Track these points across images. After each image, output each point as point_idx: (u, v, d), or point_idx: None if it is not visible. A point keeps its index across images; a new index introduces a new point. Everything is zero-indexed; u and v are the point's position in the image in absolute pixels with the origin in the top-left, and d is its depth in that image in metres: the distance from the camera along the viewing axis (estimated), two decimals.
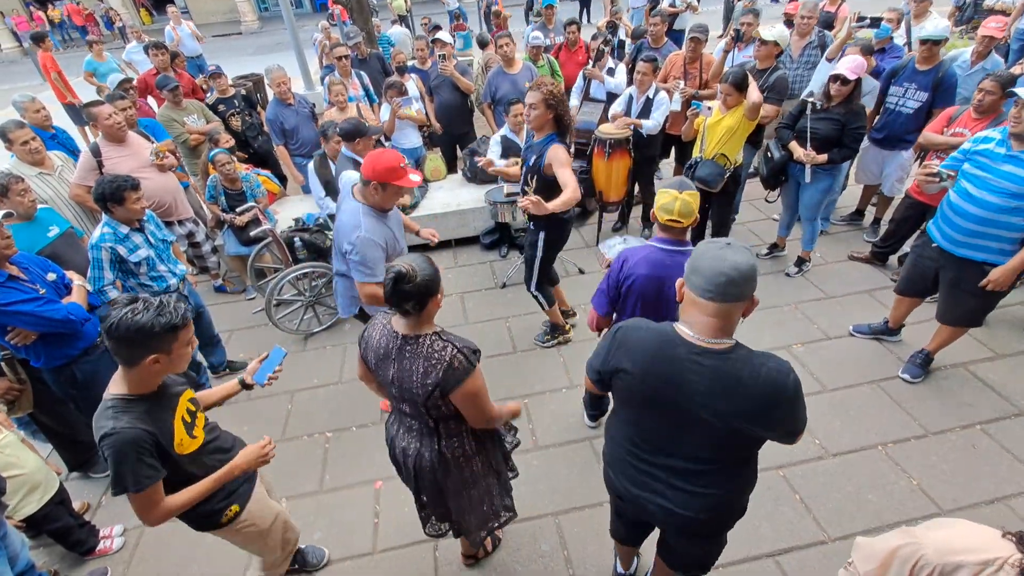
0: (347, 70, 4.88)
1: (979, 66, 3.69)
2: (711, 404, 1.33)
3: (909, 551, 1.15)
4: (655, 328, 1.44)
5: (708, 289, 1.28)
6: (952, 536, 1.14)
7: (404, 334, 1.62)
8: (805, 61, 4.48)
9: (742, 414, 1.32)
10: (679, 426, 1.41)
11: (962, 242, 2.58)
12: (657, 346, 1.38)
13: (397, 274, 1.51)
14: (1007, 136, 2.39)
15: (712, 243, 1.34)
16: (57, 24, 18.67)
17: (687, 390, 1.34)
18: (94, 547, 2.50)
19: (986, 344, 3.27)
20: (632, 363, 1.42)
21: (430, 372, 1.56)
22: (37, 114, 3.75)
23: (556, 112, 2.68)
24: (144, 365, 1.47)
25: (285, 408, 3.27)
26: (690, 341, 1.34)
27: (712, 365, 1.32)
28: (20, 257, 2.36)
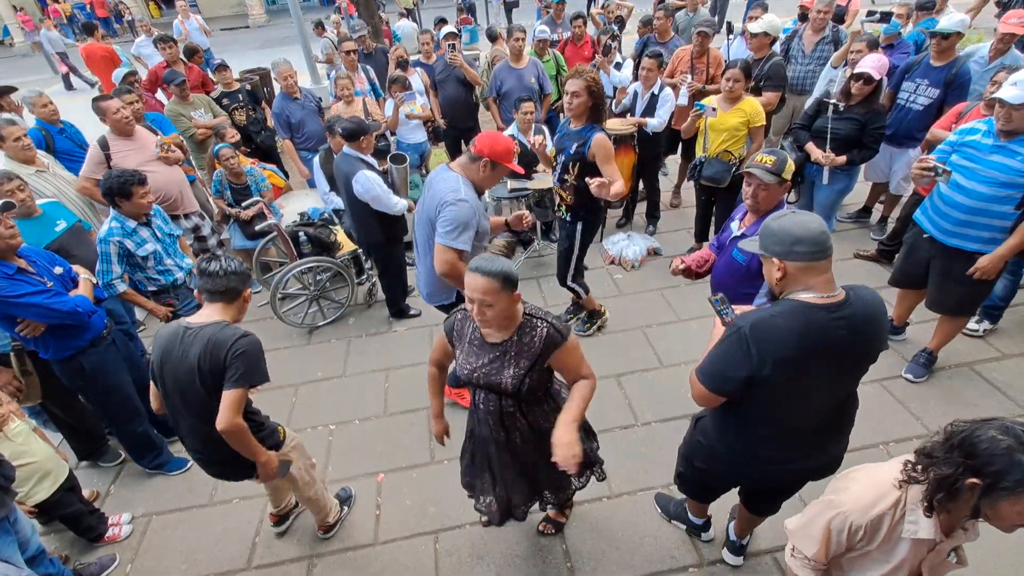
0: (354, 64, 4.89)
1: (997, 62, 3.55)
2: (860, 348, 1.46)
3: (839, 521, 1.28)
4: (782, 311, 1.45)
5: (817, 251, 1.40)
6: (862, 492, 1.28)
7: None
8: (817, 57, 4.43)
9: (876, 340, 1.49)
10: (828, 383, 1.50)
11: (953, 232, 2.59)
12: (803, 322, 1.41)
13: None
14: (994, 127, 2.40)
15: (783, 217, 1.45)
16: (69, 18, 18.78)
17: (839, 349, 1.43)
18: (103, 534, 2.56)
19: (993, 344, 3.24)
20: (789, 349, 1.41)
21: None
22: (45, 108, 3.79)
23: (596, 101, 2.72)
24: (244, 297, 1.94)
25: (289, 401, 3.31)
26: (823, 303, 1.41)
27: (848, 314, 1.42)
28: (27, 250, 2.40)
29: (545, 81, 4.82)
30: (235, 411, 1.77)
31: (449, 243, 2.27)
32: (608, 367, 3.29)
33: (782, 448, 1.63)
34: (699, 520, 2.29)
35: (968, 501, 1.14)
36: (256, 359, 1.82)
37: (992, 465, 1.10)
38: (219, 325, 1.83)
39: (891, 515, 1.24)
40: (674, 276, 2.46)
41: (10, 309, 2.29)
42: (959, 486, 1.14)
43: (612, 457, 2.76)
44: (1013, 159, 2.33)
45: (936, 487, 1.17)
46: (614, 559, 2.33)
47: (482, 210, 2.39)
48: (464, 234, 2.26)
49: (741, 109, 3.39)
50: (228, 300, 1.89)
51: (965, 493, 1.13)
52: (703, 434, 1.85)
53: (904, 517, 1.23)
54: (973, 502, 1.13)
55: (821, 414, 1.58)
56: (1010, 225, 2.45)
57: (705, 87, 4.37)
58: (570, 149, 2.86)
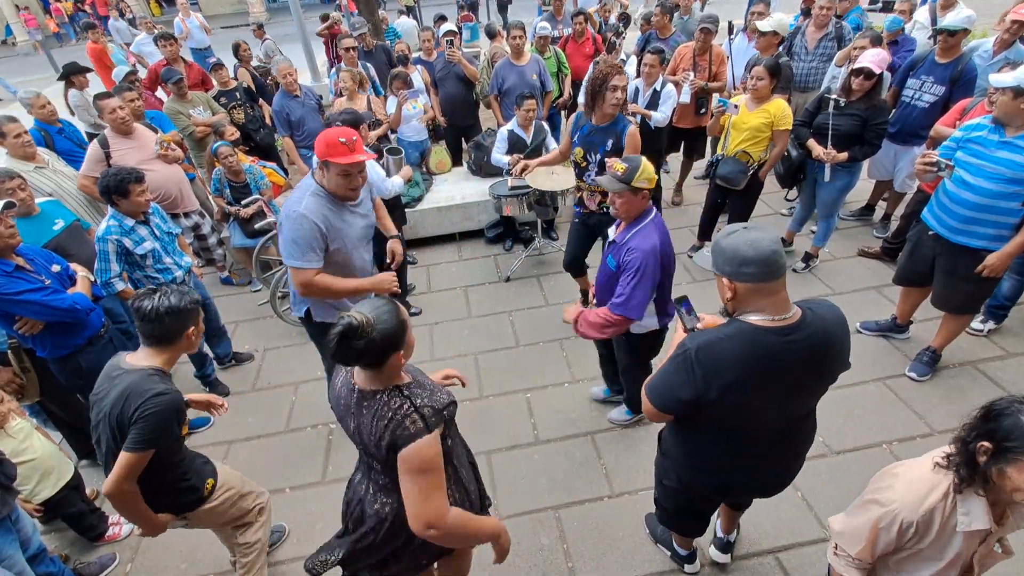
0: (354, 61, 4.86)
1: (1002, 55, 3.50)
2: (815, 369, 1.42)
3: (888, 519, 1.27)
4: (729, 333, 1.39)
5: (766, 272, 1.33)
6: (909, 487, 1.27)
7: (361, 388, 1.40)
8: (821, 53, 4.40)
9: (836, 360, 1.45)
10: (780, 403, 1.47)
11: (959, 229, 2.57)
12: (751, 346, 1.36)
13: (347, 327, 1.25)
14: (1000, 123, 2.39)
15: (734, 234, 1.36)
16: (71, 16, 18.78)
17: (792, 370, 1.39)
18: (103, 532, 2.55)
19: (997, 343, 3.22)
20: (735, 372, 1.37)
21: (384, 432, 1.34)
22: (43, 109, 3.78)
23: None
24: (185, 337, 1.72)
25: (289, 400, 3.30)
26: (774, 326, 1.37)
27: (802, 337, 1.37)
28: (25, 249, 2.40)
29: (546, 78, 4.79)
30: (124, 476, 1.59)
31: (294, 262, 2.08)
32: None
33: (736, 462, 1.60)
34: (684, 551, 2.20)
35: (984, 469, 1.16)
36: (163, 425, 1.61)
37: (1001, 428, 1.13)
38: (143, 373, 1.64)
39: (942, 508, 1.22)
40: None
41: (8, 307, 2.30)
42: (972, 449, 1.17)
43: (613, 456, 2.75)
44: (1020, 155, 2.30)
45: (957, 455, 1.20)
46: (615, 559, 2.31)
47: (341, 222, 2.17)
48: (308, 252, 2.06)
49: (767, 110, 3.33)
50: (163, 344, 1.70)
51: (980, 457, 1.15)
52: (664, 451, 1.82)
53: (955, 510, 1.22)
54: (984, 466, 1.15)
55: (777, 432, 1.54)
56: (1016, 222, 2.43)
57: (708, 85, 4.34)
58: (605, 146, 2.86)
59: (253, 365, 3.60)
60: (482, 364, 3.43)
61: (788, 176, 3.71)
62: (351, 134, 2.03)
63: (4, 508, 1.89)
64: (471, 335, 3.69)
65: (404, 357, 1.39)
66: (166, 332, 1.68)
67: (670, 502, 1.92)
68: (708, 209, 4.02)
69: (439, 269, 4.44)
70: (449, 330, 3.75)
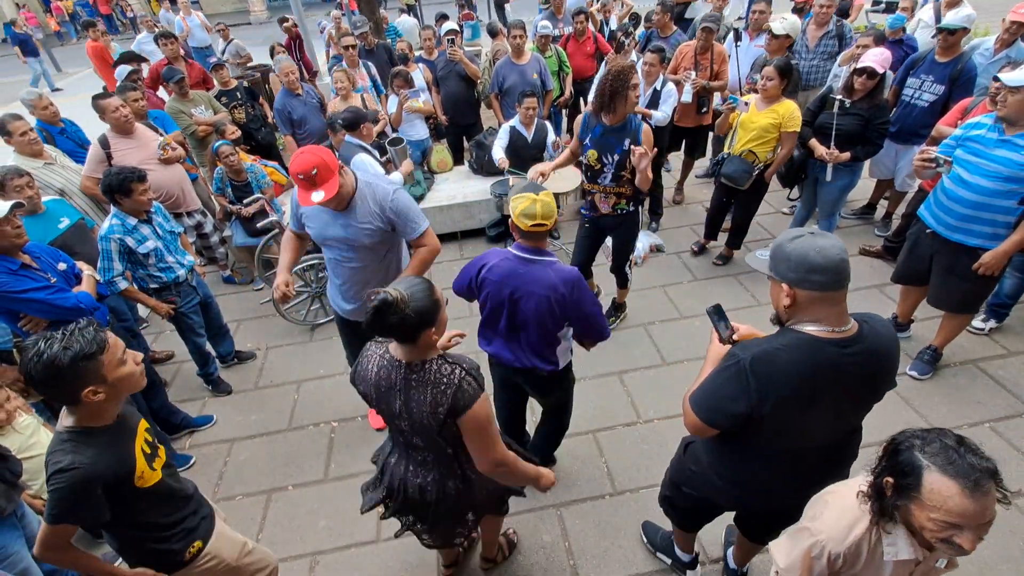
0: (355, 60, 4.87)
1: (1003, 54, 3.51)
2: (869, 385, 1.38)
3: (818, 549, 1.23)
4: (787, 344, 1.33)
5: (833, 281, 1.27)
6: (837, 519, 1.23)
7: (408, 361, 1.48)
8: (822, 51, 4.39)
9: (888, 376, 1.41)
10: (834, 419, 1.42)
11: (956, 227, 2.58)
12: (808, 360, 1.30)
13: (382, 301, 1.33)
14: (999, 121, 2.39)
15: (800, 239, 1.30)
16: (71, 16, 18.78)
17: (846, 384, 1.34)
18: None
19: (998, 341, 3.22)
20: (792, 388, 1.31)
21: (440, 398, 1.44)
22: (46, 110, 3.78)
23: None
24: (85, 400, 1.35)
25: (292, 398, 3.31)
26: (833, 338, 1.31)
27: (860, 350, 1.32)
28: (32, 246, 2.41)
29: (547, 77, 4.79)
30: (45, 546, 1.42)
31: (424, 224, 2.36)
32: (611, 364, 3.28)
33: (779, 480, 1.53)
34: (686, 556, 2.17)
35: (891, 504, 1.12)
36: (67, 504, 1.34)
37: (899, 463, 1.09)
38: (56, 438, 1.40)
39: (867, 540, 1.18)
40: None
41: (13, 304, 2.31)
42: (880, 484, 1.14)
43: (615, 454, 2.76)
44: (1018, 153, 2.31)
45: (870, 489, 1.17)
46: (617, 556, 2.32)
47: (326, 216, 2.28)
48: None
49: (775, 111, 3.32)
50: (69, 404, 1.39)
51: (889, 496, 1.12)
52: (694, 461, 1.74)
53: (880, 540, 1.18)
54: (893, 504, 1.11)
55: (823, 448, 1.49)
56: (1014, 220, 2.44)
57: (709, 84, 4.34)
58: (622, 147, 2.84)
59: (255, 363, 3.62)
60: (485, 362, 3.43)
61: (790, 176, 3.71)
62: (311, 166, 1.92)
63: (10, 504, 1.90)
64: (472, 334, 3.68)
65: (436, 334, 1.45)
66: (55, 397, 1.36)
67: (685, 503, 1.88)
68: (714, 208, 4.03)
69: (441, 268, 4.45)
70: (450, 328, 3.75)
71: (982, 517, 1.01)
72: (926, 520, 1.04)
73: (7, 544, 1.88)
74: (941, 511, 1.02)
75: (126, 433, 1.49)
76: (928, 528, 1.05)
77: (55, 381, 1.31)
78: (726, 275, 4.03)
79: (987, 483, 1.00)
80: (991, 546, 2.23)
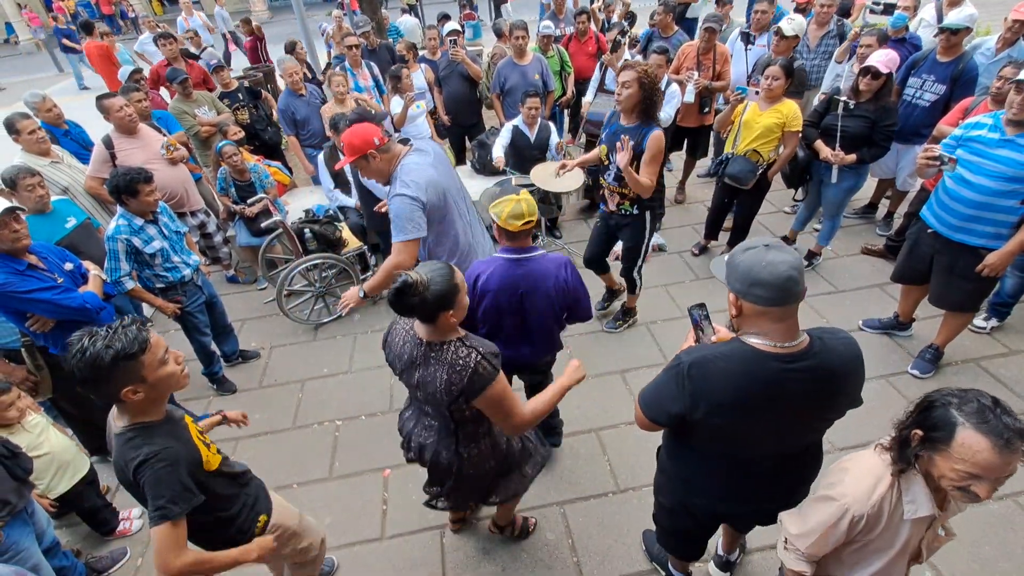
0: (357, 60, 4.88)
1: (1005, 53, 3.51)
2: (816, 402, 1.34)
3: (839, 513, 1.28)
4: (727, 353, 1.33)
5: (777, 296, 1.24)
6: (858, 481, 1.28)
7: (428, 340, 1.58)
8: (823, 51, 4.41)
9: (842, 396, 1.38)
10: (779, 433, 1.40)
11: (958, 227, 2.58)
12: (746, 369, 1.30)
13: (403, 283, 1.43)
14: (1000, 121, 2.39)
15: (752, 251, 1.27)
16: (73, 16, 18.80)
17: (789, 400, 1.31)
18: (115, 527, 2.59)
19: (1000, 340, 3.23)
20: (726, 394, 1.32)
21: (455, 379, 1.53)
22: (49, 112, 3.80)
23: (647, 95, 2.67)
24: (126, 398, 1.35)
25: (296, 397, 3.33)
26: (777, 352, 1.29)
27: (806, 367, 1.29)
28: (39, 247, 2.43)
29: (549, 78, 4.80)
30: (167, 551, 1.34)
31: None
32: (613, 363, 3.30)
33: (720, 484, 1.55)
34: (679, 574, 2.16)
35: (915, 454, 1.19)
36: (165, 488, 1.35)
37: (931, 418, 1.15)
38: (121, 439, 1.40)
39: (889, 498, 1.25)
40: None
41: (20, 304, 2.33)
42: (906, 435, 1.20)
43: (618, 453, 2.78)
44: (1020, 153, 2.32)
45: (894, 441, 1.24)
46: (620, 553, 2.34)
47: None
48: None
49: (779, 110, 3.33)
50: (107, 399, 1.39)
51: (912, 444, 1.18)
52: (660, 467, 1.78)
53: (901, 499, 1.25)
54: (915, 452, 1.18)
55: (776, 460, 1.47)
56: (1016, 220, 2.44)
57: (711, 84, 4.35)
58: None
59: (260, 363, 3.64)
60: None
61: (795, 176, 3.72)
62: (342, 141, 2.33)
63: (21, 501, 1.93)
64: None
65: (455, 317, 1.54)
66: (96, 393, 1.35)
67: (666, 520, 1.88)
68: (714, 208, 4.04)
69: None
70: None
71: (1004, 471, 1.07)
72: (948, 470, 1.11)
73: (19, 540, 1.90)
74: (968, 463, 1.08)
75: (179, 424, 1.53)
76: (948, 477, 1.12)
77: (95, 379, 1.31)
78: None
79: (1018, 443, 1.06)
80: (993, 543, 2.24)
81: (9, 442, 2.03)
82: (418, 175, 2.31)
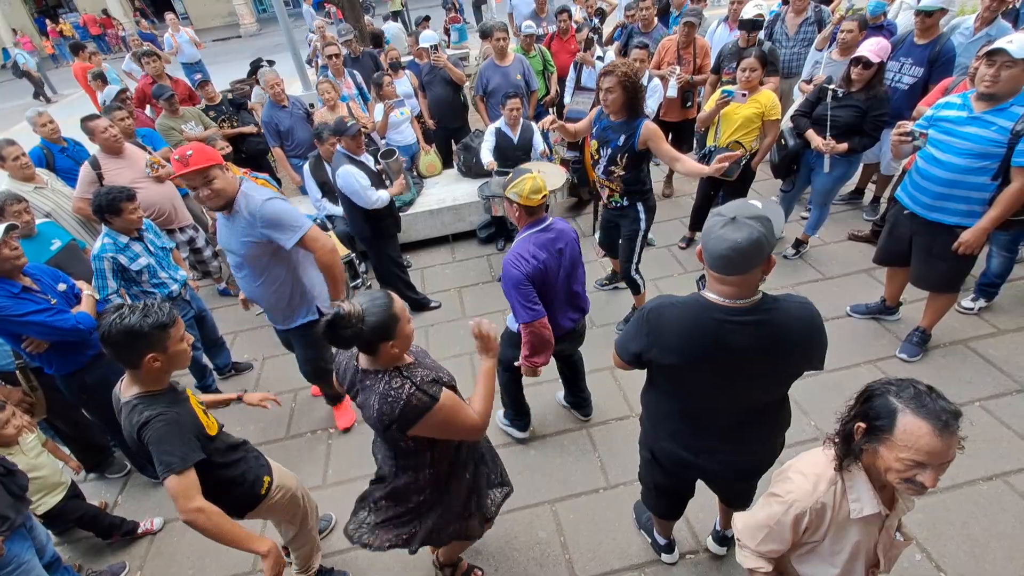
0: (340, 69, 4.91)
1: (983, 32, 3.51)
2: (760, 356, 1.41)
3: (780, 510, 1.29)
4: (684, 301, 1.48)
5: (716, 265, 1.36)
6: (801, 478, 1.29)
7: (363, 368, 1.53)
8: (802, 38, 4.41)
9: (794, 355, 1.44)
10: (729, 385, 1.49)
11: (932, 206, 2.60)
12: (693, 317, 1.43)
13: (335, 316, 1.35)
14: (968, 99, 2.42)
15: (717, 220, 1.35)
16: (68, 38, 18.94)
17: (733, 349, 1.40)
18: (133, 529, 2.64)
19: (988, 320, 3.23)
20: (674, 337, 1.45)
21: (385, 409, 1.46)
22: (44, 128, 3.85)
23: (631, 94, 2.71)
24: (145, 365, 1.57)
25: (289, 406, 3.35)
26: (723, 305, 1.39)
27: (751, 320, 1.38)
28: (33, 268, 2.46)
29: (531, 78, 4.82)
30: (180, 498, 1.50)
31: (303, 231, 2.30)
32: (603, 360, 3.28)
33: (693, 439, 1.66)
34: (662, 540, 2.26)
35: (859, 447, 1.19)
36: (167, 444, 1.52)
37: (872, 408, 1.16)
38: (128, 406, 1.60)
39: (833, 496, 1.24)
40: None
41: (15, 327, 2.35)
42: (849, 429, 1.20)
43: (608, 449, 2.79)
44: (987, 129, 2.34)
45: (837, 436, 1.23)
46: (611, 549, 2.35)
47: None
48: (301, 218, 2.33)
49: (757, 100, 3.34)
50: (128, 366, 1.61)
51: (856, 436, 1.18)
52: (640, 418, 1.92)
53: (846, 497, 1.24)
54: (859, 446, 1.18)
55: (734, 416, 1.57)
56: (988, 197, 2.45)
57: (693, 78, 4.36)
58: (617, 141, 2.87)
59: (252, 374, 3.67)
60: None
61: (783, 166, 3.72)
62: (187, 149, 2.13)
63: (19, 517, 1.97)
64: (466, 335, 3.73)
65: (397, 347, 1.47)
66: (120, 356, 1.56)
67: (646, 474, 1.99)
68: (700, 200, 4.05)
69: (433, 271, 4.49)
70: (444, 331, 3.79)
71: (946, 456, 1.08)
72: (894, 460, 1.11)
73: (19, 553, 1.95)
74: (911, 450, 1.09)
75: (181, 395, 1.73)
76: (894, 468, 1.12)
77: (129, 343, 1.53)
78: None
79: (954, 424, 1.09)
80: (983, 524, 2.25)
81: (5, 459, 2.08)
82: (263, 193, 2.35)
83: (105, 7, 19.18)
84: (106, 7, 19.16)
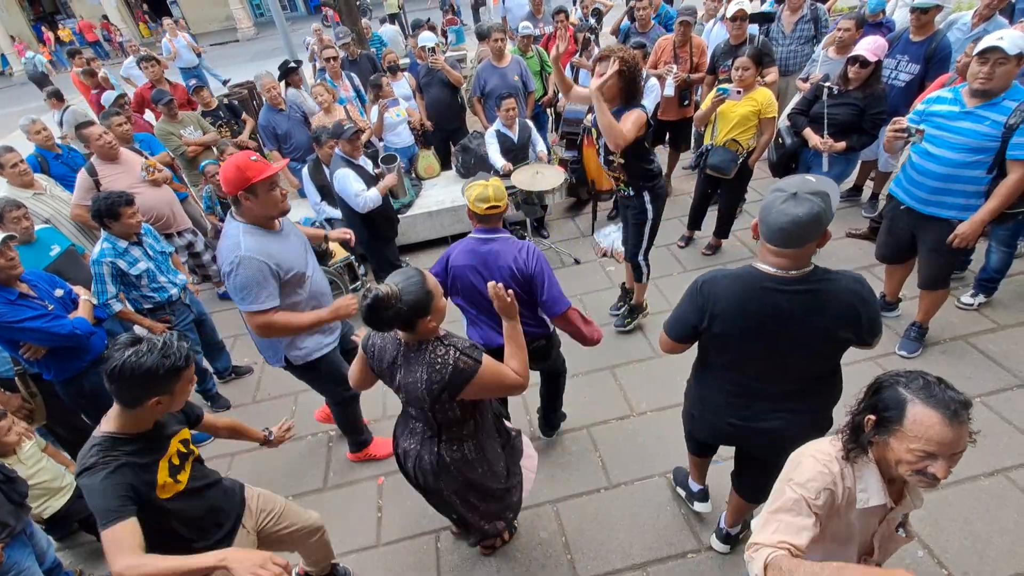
0: (337, 72, 4.92)
1: (980, 28, 3.50)
2: (808, 321, 1.48)
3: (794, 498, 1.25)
4: (735, 273, 1.56)
5: (773, 238, 1.44)
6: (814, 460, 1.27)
7: (406, 341, 1.62)
8: (798, 36, 4.41)
9: (840, 322, 1.49)
10: (781, 353, 1.56)
11: (928, 200, 2.61)
12: (744, 286, 1.52)
13: (375, 298, 1.41)
14: (960, 94, 2.43)
15: (777, 195, 1.42)
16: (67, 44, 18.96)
17: (784, 317, 1.49)
18: None
19: (988, 315, 3.23)
20: (728, 306, 1.54)
21: (435, 377, 1.56)
22: (38, 135, 3.86)
23: (628, 79, 2.62)
24: (147, 407, 1.42)
25: (289, 410, 3.35)
26: (774, 275, 1.48)
27: (800, 290, 1.46)
28: (29, 274, 2.47)
29: (528, 79, 4.82)
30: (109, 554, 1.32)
31: (249, 307, 2.02)
32: (603, 359, 3.31)
33: (727, 404, 1.74)
34: (696, 487, 2.36)
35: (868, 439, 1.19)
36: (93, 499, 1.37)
37: (881, 400, 1.16)
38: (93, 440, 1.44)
39: (841, 485, 1.23)
40: None
41: (12, 334, 2.36)
42: (859, 421, 1.20)
43: (609, 448, 2.79)
44: (981, 124, 2.34)
45: (847, 428, 1.24)
46: (613, 548, 2.35)
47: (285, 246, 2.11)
48: (262, 293, 1.99)
49: (753, 98, 3.34)
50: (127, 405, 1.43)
51: (865, 429, 1.19)
52: (687, 394, 1.99)
53: (855, 487, 1.24)
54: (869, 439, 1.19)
55: (786, 382, 1.63)
56: (984, 190, 2.46)
57: (690, 76, 4.36)
58: None
59: (252, 378, 3.66)
60: None
61: (781, 164, 3.72)
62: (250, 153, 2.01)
63: (19, 523, 1.98)
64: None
65: (434, 321, 1.56)
66: (123, 394, 1.39)
67: (687, 423, 2.07)
68: (698, 199, 4.05)
69: None
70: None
71: (957, 446, 1.08)
72: (904, 452, 1.11)
73: (19, 560, 1.95)
74: (922, 440, 1.08)
75: (156, 444, 1.52)
76: (905, 460, 1.12)
77: (143, 383, 1.37)
78: (715, 264, 4.05)
79: (964, 413, 1.08)
80: (985, 519, 2.25)
81: (4, 466, 2.07)
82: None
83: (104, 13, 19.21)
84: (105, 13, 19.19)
